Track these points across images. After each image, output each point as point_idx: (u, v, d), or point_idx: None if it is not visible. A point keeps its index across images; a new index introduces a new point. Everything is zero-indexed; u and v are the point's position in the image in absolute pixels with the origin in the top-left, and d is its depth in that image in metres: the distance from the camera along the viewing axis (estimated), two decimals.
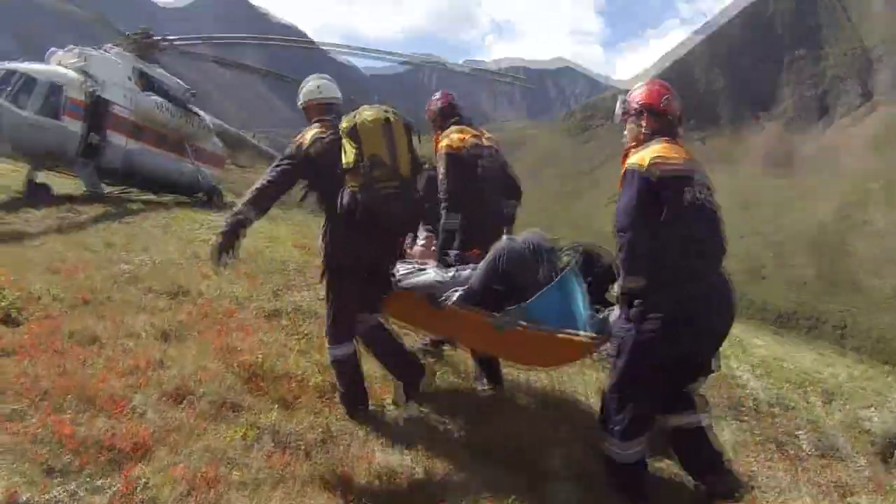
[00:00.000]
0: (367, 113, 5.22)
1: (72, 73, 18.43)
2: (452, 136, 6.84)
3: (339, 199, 5.15)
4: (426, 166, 5.87)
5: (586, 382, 7.24)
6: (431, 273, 5.91)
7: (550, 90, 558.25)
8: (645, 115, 4.71)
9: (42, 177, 18.21)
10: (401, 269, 6.01)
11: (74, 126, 18.05)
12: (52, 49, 20.08)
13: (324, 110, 5.76)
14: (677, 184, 4.37)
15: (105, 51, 20.56)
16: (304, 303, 8.53)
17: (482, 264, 5.64)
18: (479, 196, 6.63)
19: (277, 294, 8.95)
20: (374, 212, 5.09)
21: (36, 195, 16.70)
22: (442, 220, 6.68)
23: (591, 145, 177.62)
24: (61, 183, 19.70)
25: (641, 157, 4.45)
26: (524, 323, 5.14)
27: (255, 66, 32.53)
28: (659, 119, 4.69)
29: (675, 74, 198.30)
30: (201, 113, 23.46)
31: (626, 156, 4.73)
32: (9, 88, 16.95)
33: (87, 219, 13.94)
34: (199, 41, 25.39)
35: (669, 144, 4.55)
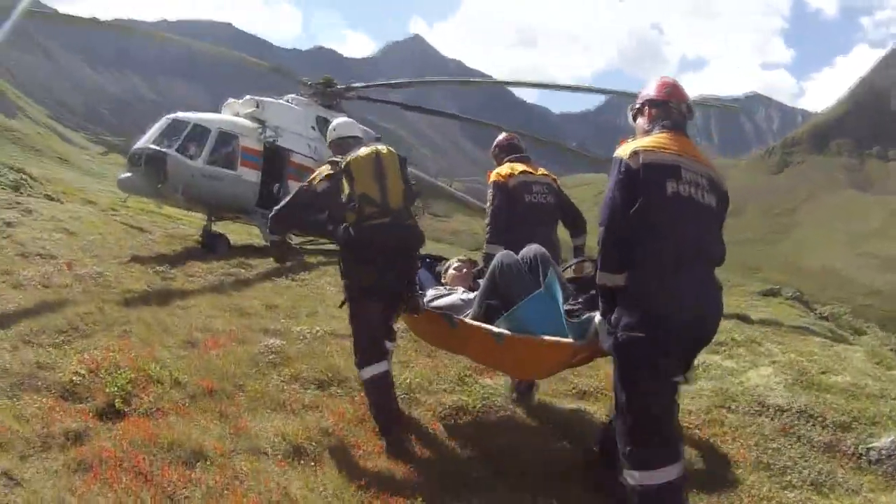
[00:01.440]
0: (360, 150, 5.70)
1: (247, 122, 17.63)
2: (501, 169, 6.87)
3: (339, 234, 5.62)
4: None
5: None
6: (456, 295, 6.01)
7: (745, 124, 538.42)
8: (646, 108, 4.42)
9: (220, 226, 17.67)
10: (431, 293, 6.18)
11: (251, 176, 17.08)
12: (229, 100, 19.32)
13: (340, 148, 6.05)
14: (659, 174, 4.00)
15: (287, 101, 19.70)
16: (499, 392, 6.62)
17: (483, 281, 5.71)
18: (525, 226, 6.48)
19: (464, 380, 6.93)
20: (366, 244, 5.50)
21: (211, 246, 15.78)
22: (483, 248, 6.79)
23: (792, 181, 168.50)
24: (248, 232, 18.82)
25: (626, 146, 4.14)
26: (508, 332, 5.08)
27: (442, 110, 31.17)
28: (660, 109, 4.36)
29: (869, 98, 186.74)
30: None
31: None
32: (179, 139, 16.06)
33: (255, 275, 12.74)
34: (384, 86, 23.99)
35: (665, 135, 4.20)
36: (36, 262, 11.53)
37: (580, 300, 4.94)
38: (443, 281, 6.57)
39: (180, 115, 16.89)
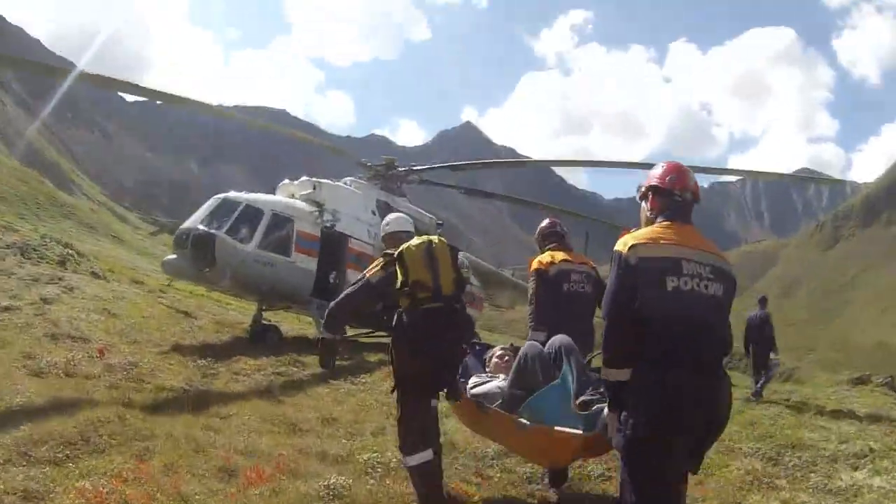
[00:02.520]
0: (413, 241, 5.94)
1: (303, 205, 16.38)
2: (542, 257, 6.95)
3: (394, 319, 5.83)
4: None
5: None
6: (494, 383, 6.11)
7: (796, 200, 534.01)
8: (650, 195, 4.35)
9: (272, 315, 16.42)
10: (473, 380, 6.34)
11: (306, 263, 15.81)
12: (284, 181, 18.12)
13: (393, 242, 6.37)
14: (657, 269, 3.92)
15: (346, 183, 18.52)
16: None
17: (512, 369, 5.93)
18: (563, 314, 6.59)
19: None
20: (420, 328, 5.62)
21: (261, 338, 14.38)
22: (528, 335, 6.71)
23: (844, 256, 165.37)
24: (300, 321, 17.51)
25: (626, 239, 4.07)
26: (526, 421, 5.25)
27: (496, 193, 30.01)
28: (664, 199, 4.28)
29: None
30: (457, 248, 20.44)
31: None
32: (229, 220, 14.86)
33: (308, 375, 11.28)
34: (446, 167, 22.74)
35: (668, 225, 4.15)
36: (65, 345, 10.50)
37: (600, 390, 4.95)
38: (486, 368, 6.71)
39: (232, 194, 15.68)
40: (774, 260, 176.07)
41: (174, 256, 14.93)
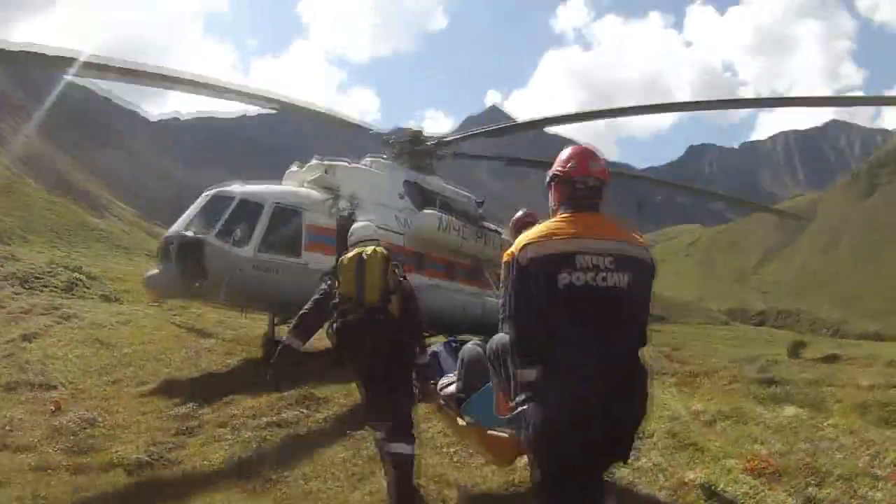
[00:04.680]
0: (349, 253, 6.18)
1: (312, 193, 13.45)
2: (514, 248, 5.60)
3: (326, 329, 6.06)
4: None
5: None
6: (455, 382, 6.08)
7: (828, 153, 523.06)
8: (553, 184, 4.09)
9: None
10: (444, 380, 6.36)
11: (322, 262, 11.98)
12: (292, 167, 15.10)
13: (351, 250, 6.30)
14: (549, 267, 3.67)
15: (366, 164, 15.59)
16: None
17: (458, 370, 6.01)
18: None
19: None
20: (341, 338, 5.90)
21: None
22: (499, 328, 5.52)
23: (883, 204, 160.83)
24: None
25: (519, 239, 3.86)
26: (464, 422, 5.42)
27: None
28: (565, 187, 4.00)
29: None
30: (500, 230, 17.28)
31: None
32: (220, 219, 11.98)
33: (321, 423, 8.04)
34: (479, 135, 18.83)
35: (566, 217, 3.88)
36: (19, 397, 9.03)
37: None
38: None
39: (225, 188, 12.69)
40: (814, 214, 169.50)
41: (157, 271, 12.11)
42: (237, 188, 12.58)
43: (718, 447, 6.49)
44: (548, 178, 4.13)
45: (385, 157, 16.14)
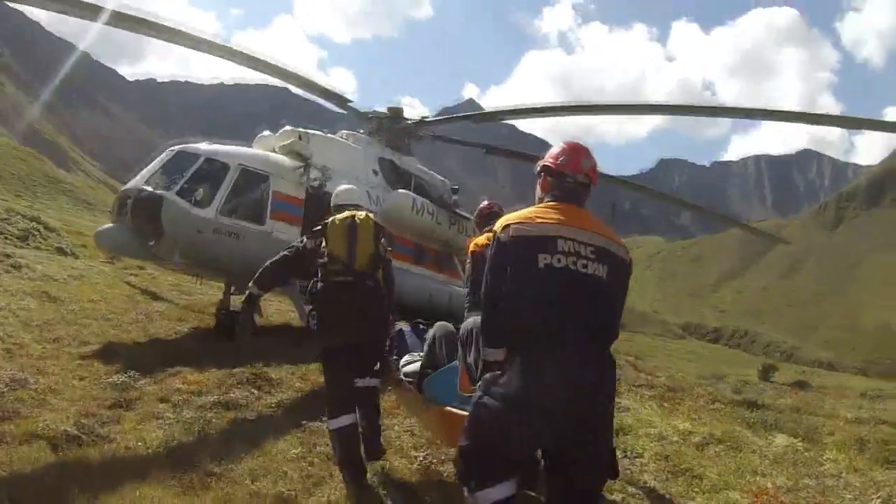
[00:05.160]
0: (341, 214, 6.05)
1: (283, 159, 12.57)
2: (479, 239, 6.30)
3: (308, 288, 5.98)
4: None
5: None
6: (418, 361, 6.06)
7: (797, 181, 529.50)
8: (542, 176, 4.07)
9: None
10: (405, 358, 6.33)
11: (286, 232, 11.76)
12: (264, 132, 14.16)
13: (336, 212, 6.21)
14: (529, 247, 3.69)
15: (342, 137, 14.76)
16: None
17: (424, 349, 5.95)
18: None
19: None
20: (329, 300, 5.78)
21: (228, 331, 10.73)
22: (465, 316, 5.97)
23: (849, 237, 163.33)
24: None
25: (503, 219, 3.91)
26: (430, 402, 5.36)
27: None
28: (554, 180, 4.00)
29: None
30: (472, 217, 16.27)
31: None
32: (182, 177, 11.08)
33: (272, 407, 7.20)
34: (464, 118, 17.82)
35: (552, 205, 3.89)
36: None
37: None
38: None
39: (190, 145, 11.75)
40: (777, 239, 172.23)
41: (111, 226, 11.06)
42: (204, 146, 11.67)
43: (717, 476, 6.06)
44: (537, 168, 4.10)
45: (362, 132, 15.33)
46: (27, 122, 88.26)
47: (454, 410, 4.94)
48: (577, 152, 4.04)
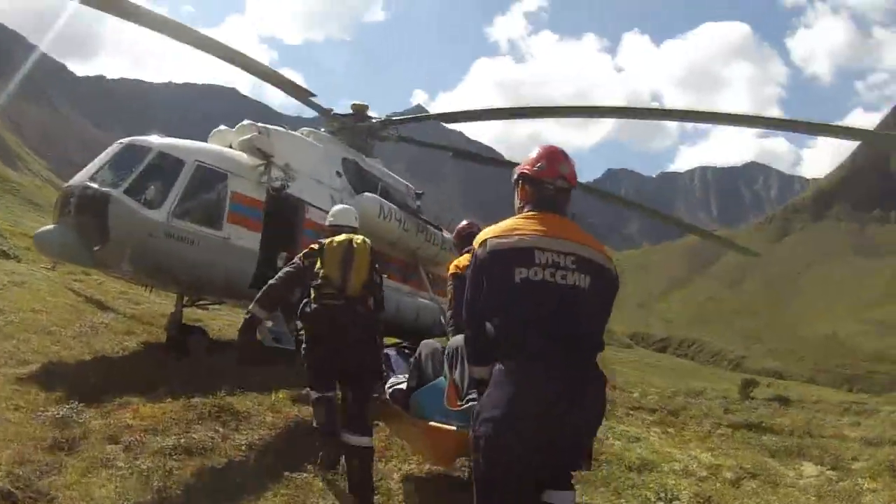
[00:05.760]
0: (338, 237, 6.08)
1: (242, 157, 11.22)
2: (460, 260, 6.42)
3: (299, 307, 5.96)
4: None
5: None
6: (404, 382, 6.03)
7: (744, 193, 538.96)
8: (520, 184, 3.95)
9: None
10: (392, 379, 6.20)
11: (245, 239, 10.64)
12: (219, 127, 12.66)
13: (332, 233, 6.34)
14: (506, 261, 3.59)
15: (302, 134, 13.47)
16: None
17: (411, 367, 5.99)
18: None
19: None
20: (318, 322, 5.77)
21: (180, 346, 9.71)
22: (448, 339, 6.20)
23: (794, 249, 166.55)
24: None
25: (481, 234, 3.84)
26: (413, 418, 5.40)
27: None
28: (533, 187, 3.88)
29: (869, 163, 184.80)
30: (439, 227, 15.48)
31: None
32: (132, 173, 9.82)
33: (242, 449, 6.06)
34: (432, 118, 16.69)
35: (530, 216, 3.79)
36: None
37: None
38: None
39: (140, 138, 10.50)
40: (722, 250, 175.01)
41: (53, 227, 9.73)
42: (156, 140, 10.41)
43: None
44: (514, 177, 3.99)
45: (322, 130, 14.22)
46: None
47: (439, 425, 5.00)
48: (554, 156, 3.93)
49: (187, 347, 9.68)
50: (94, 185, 9.48)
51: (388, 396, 5.89)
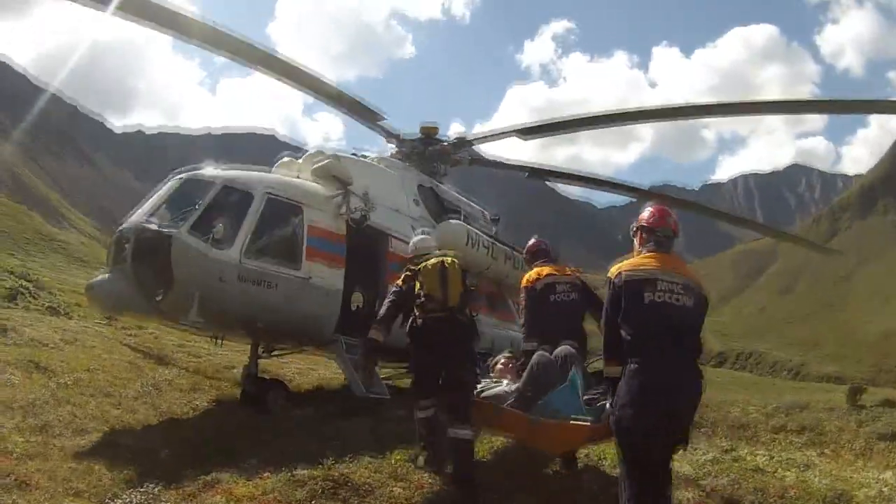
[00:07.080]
0: (430, 260, 6.78)
1: (316, 187, 10.14)
2: (530, 274, 7.50)
3: (408, 322, 6.65)
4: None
5: None
6: (501, 387, 6.96)
7: (788, 196, 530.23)
8: (638, 232, 5.23)
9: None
10: (483, 383, 7.04)
11: (327, 277, 9.53)
12: (284, 158, 11.43)
13: (413, 259, 7.06)
14: (638, 287, 4.78)
15: (373, 160, 12.62)
16: None
17: (524, 375, 6.71)
18: (553, 322, 7.14)
19: None
20: (426, 332, 6.49)
21: (257, 401, 8.71)
22: (522, 345, 7.45)
23: (844, 248, 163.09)
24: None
25: (615, 266, 5.01)
26: (541, 418, 6.04)
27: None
28: (648, 234, 5.14)
29: None
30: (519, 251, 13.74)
31: None
32: (194, 210, 8.76)
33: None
34: (512, 132, 14.14)
35: (650, 255, 5.01)
36: None
37: (599, 390, 5.89)
38: (490, 374, 7.44)
39: (202, 171, 9.53)
40: (773, 256, 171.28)
41: (106, 276, 8.74)
42: (219, 171, 9.42)
43: None
44: (633, 228, 5.28)
45: (392, 156, 13.18)
46: (14, 175, 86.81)
47: (577, 422, 5.77)
48: (663, 213, 5.23)
49: (267, 404, 8.68)
50: (153, 226, 8.42)
51: (489, 402, 6.73)
